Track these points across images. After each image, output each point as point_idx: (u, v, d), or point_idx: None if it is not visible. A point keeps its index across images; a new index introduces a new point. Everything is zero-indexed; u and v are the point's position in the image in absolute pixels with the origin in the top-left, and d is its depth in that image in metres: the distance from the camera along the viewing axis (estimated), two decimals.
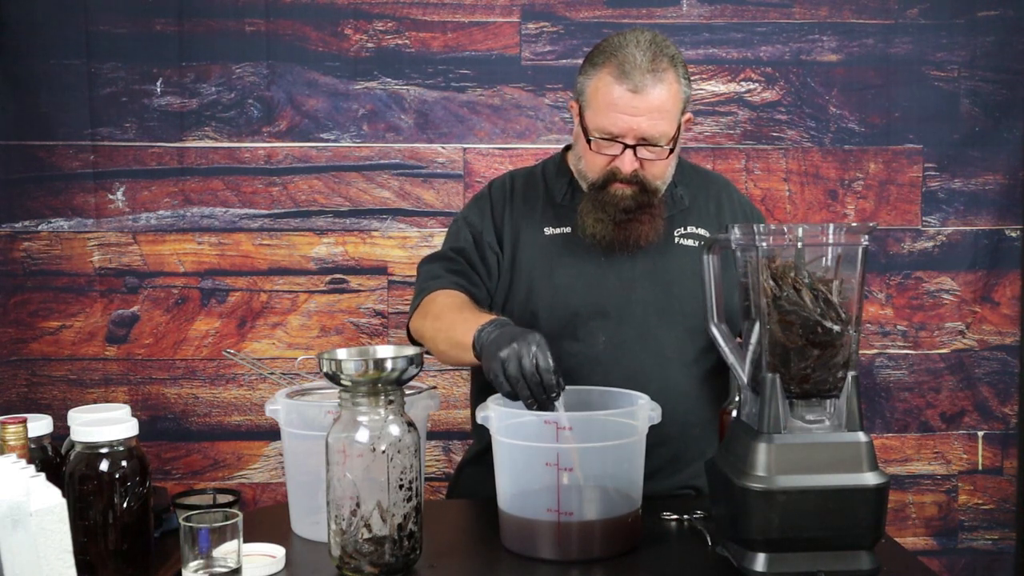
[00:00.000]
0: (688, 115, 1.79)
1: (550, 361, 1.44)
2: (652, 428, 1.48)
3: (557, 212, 1.84)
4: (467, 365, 1.76)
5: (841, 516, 1.30)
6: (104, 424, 1.37)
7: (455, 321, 1.67)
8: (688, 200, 1.86)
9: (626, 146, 1.69)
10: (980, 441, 2.63)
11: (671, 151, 1.73)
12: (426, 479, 1.81)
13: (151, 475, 1.41)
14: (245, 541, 1.28)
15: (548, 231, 1.83)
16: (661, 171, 1.75)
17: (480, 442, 1.88)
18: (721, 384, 1.83)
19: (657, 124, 1.69)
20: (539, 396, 1.44)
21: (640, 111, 1.67)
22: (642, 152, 1.70)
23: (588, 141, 1.73)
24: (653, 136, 1.69)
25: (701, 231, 1.83)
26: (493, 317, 1.58)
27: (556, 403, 1.45)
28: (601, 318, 1.75)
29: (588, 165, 1.76)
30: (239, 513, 1.24)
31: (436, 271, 1.83)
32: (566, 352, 1.74)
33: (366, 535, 1.35)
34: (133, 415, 1.45)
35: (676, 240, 1.81)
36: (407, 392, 1.44)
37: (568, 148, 1.91)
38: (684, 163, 1.92)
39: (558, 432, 1.41)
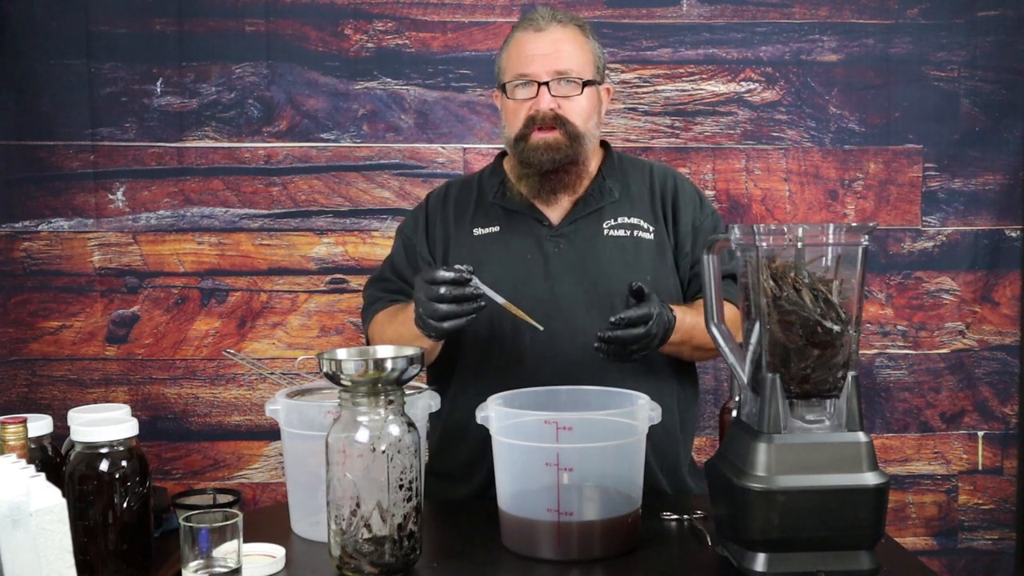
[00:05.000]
0: (607, 86, 1.90)
1: (437, 271, 1.61)
2: None
3: (487, 212, 1.89)
4: (432, 351, 1.80)
5: (841, 516, 1.30)
6: (104, 424, 1.37)
7: (396, 327, 1.79)
8: (618, 192, 1.88)
9: (540, 84, 1.77)
10: (980, 441, 2.63)
11: (585, 85, 1.79)
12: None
13: (151, 475, 1.42)
14: (245, 541, 1.28)
15: (477, 231, 1.88)
16: (580, 113, 1.80)
17: (432, 449, 1.92)
18: (666, 375, 1.84)
19: (565, 59, 1.78)
20: (457, 289, 1.60)
21: (546, 48, 1.78)
22: (556, 89, 1.78)
23: (504, 90, 1.82)
24: (563, 69, 1.78)
25: (633, 220, 1.85)
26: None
27: (478, 285, 1.61)
28: (528, 312, 1.74)
29: (510, 121, 1.83)
30: (239, 513, 1.24)
31: (375, 295, 1.94)
32: (496, 349, 1.79)
33: (366, 535, 1.35)
34: (133, 415, 1.45)
35: (606, 232, 1.84)
36: (407, 392, 1.44)
37: (504, 154, 1.95)
38: (620, 156, 1.96)
39: (558, 432, 1.41)
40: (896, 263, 2.60)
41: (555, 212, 1.86)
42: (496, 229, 1.87)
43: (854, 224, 1.65)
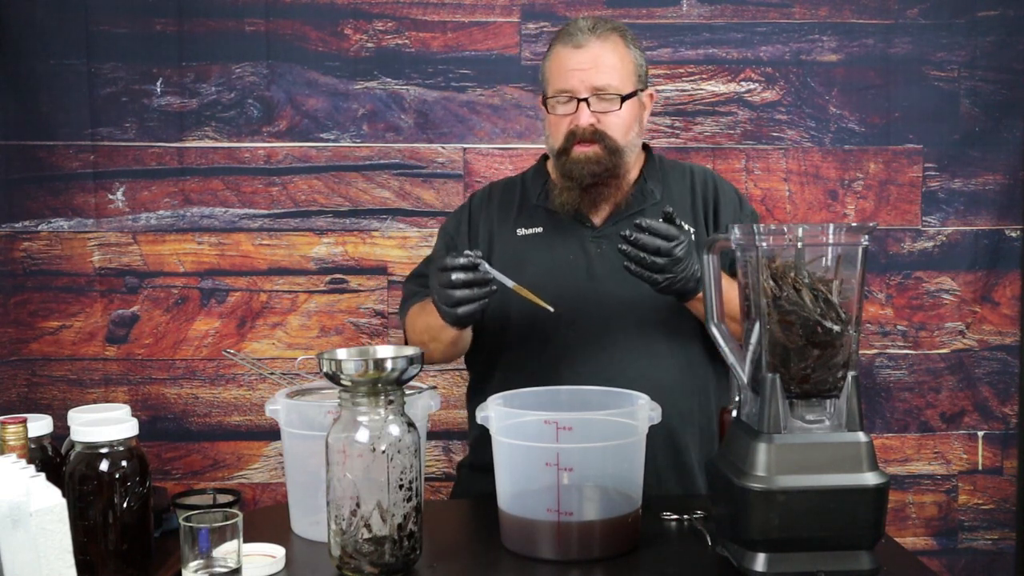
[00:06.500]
0: (650, 91, 1.91)
1: (446, 258, 1.64)
2: None
3: (531, 213, 1.92)
4: (458, 343, 1.84)
5: (841, 516, 1.30)
6: (104, 424, 1.37)
7: (425, 317, 1.82)
8: (659, 194, 1.90)
9: (580, 100, 1.79)
10: (980, 441, 2.63)
11: (624, 99, 1.81)
12: (426, 479, 1.81)
13: (151, 475, 1.42)
14: (245, 541, 1.28)
15: (520, 232, 1.90)
16: (619, 127, 1.82)
17: (473, 443, 1.94)
18: (707, 376, 1.86)
19: (604, 75, 1.80)
20: (467, 274, 1.62)
21: (585, 63, 1.79)
22: (596, 105, 1.79)
23: (546, 104, 1.84)
24: (601, 86, 1.79)
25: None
26: None
27: (488, 269, 1.64)
28: (570, 313, 1.77)
29: (552, 135, 1.85)
30: (239, 513, 1.24)
31: (413, 289, 1.97)
32: (537, 350, 1.81)
33: (366, 535, 1.35)
34: (133, 415, 1.45)
35: None
36: (407, 392, 1.44)
37: (546, 156, 1.97)
38: (660, 159, 1.99)
39: (558, 432, 1.41)
40: (896, 263, 2.60)
41: (598, 215, 1.89)
42: (539, 230, 1.89)
43: (854, 224, 1.65)
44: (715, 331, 1.49)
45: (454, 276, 1.62)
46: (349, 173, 2.53)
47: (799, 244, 1.33)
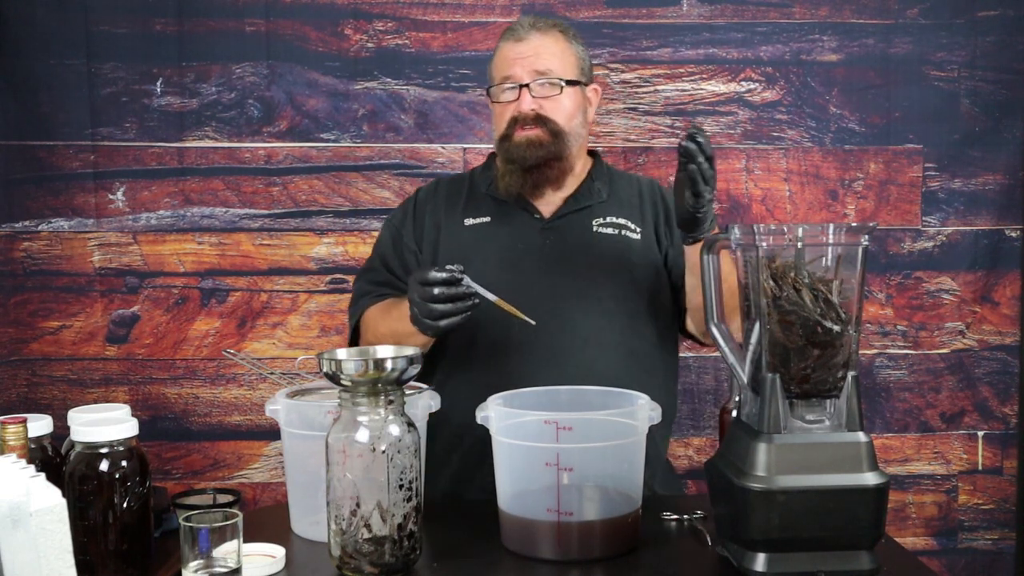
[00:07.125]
0: (595, 87, 1.96)
1: (429, 272, 1.63)
2: None
3: (479, 203, 1.94)
4: (425, 345, 1.82)
5: (841, 516, 1.30)
6: (104, 424, 1.37)
7: (391, 323, 1.82)
8: (606, 194, 1.95)
9: (522, 86, 1.84)
10: (980, 441, 2.63)
11: (565, 84, 1.85)
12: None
13: (151, 475, 1.42)
14: (245, 541, 1.28)
15: (468, 222, 1.93)
16: (561, 112, 1.86)
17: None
18: (658, 363, 1.87)
19: (544, 60, 1.85)
20: (450, 289, 1.63)
21: (525, 52, 1.86)
22: (537, 91, 1.84)
23: (489, 93, 1.90)
24: (542, 70, 1.85)
25: (621, 220, 1.92)
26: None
27: (470, 283, 1.64)
28: (517, 302, 1.76)
29: (497, 122, 1.90)
30: (239, 513, 1.24)
31: (364, 287, 1.97)
32: (485, 337, 1.82)
33: (366, 535, 1.36)
34: (133, 415, 1.45)
35: (595, 229, 1.90)
36: (407, 392, 1.44)
37: (495, 154, 2.00)
38: (610, 167, 2.04)
39: (558, 432, 1.41)
40: (896, 263, 2.60)
41: (546, 207, 1.92)
42: (487, 219, 1.92)
43: (854, 224, 1.65)
44: (715, 331, 1.49)
45: (436, 291, 1.63)
46: (349, 173, 2.53)
47: (799, 244, 1.33)
